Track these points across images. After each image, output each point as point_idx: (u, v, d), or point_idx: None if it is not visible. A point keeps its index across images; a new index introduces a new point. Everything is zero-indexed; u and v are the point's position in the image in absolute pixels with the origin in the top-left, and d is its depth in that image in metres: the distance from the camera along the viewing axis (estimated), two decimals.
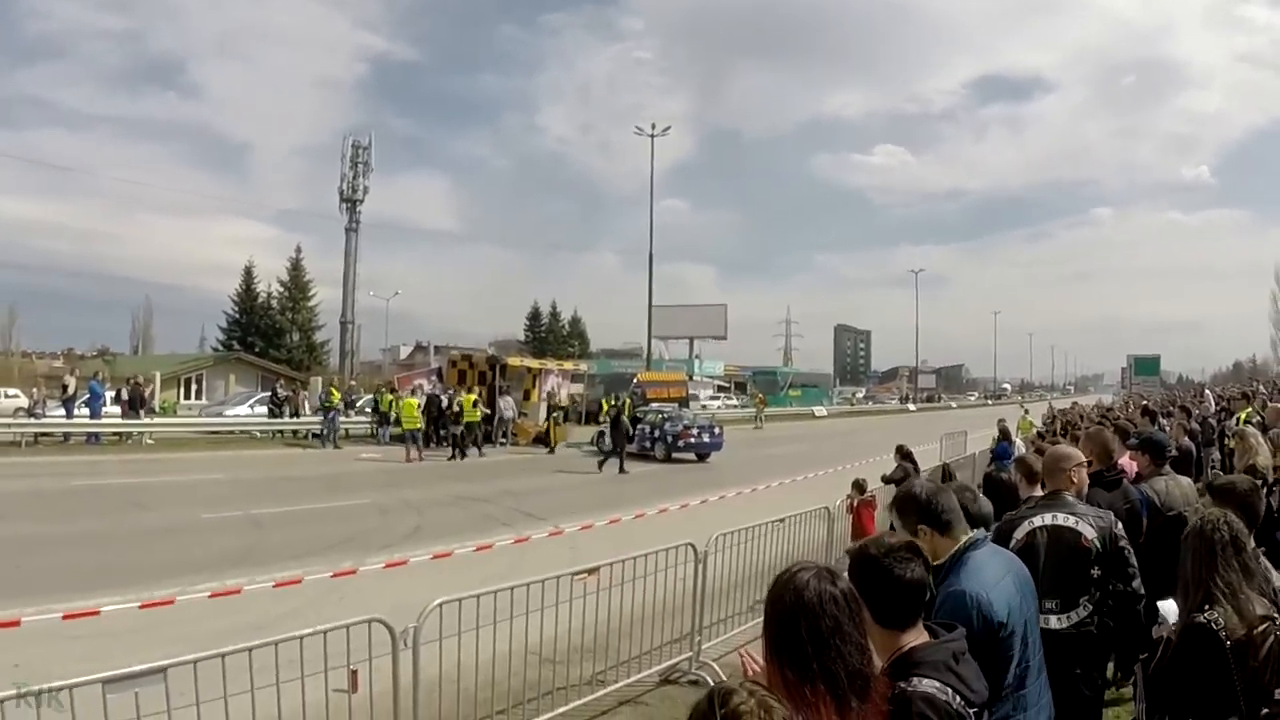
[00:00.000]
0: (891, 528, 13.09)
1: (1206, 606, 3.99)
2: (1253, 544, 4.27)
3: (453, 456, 34.12)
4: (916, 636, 2.99)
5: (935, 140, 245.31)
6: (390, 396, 39.42)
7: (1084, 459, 6.14)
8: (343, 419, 38.58)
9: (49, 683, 4.81)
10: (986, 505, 4.98)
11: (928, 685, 2.77)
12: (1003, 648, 3.70)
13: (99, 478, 24.53)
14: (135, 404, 36.46)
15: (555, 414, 40.12)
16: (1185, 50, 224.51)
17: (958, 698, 2.78)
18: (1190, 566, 4.11)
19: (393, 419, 37.69)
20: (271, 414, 40.06)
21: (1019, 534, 5.51)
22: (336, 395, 38.55)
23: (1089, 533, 5.43)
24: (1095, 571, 5.37)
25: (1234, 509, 4.55)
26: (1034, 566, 5.16)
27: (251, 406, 42.18)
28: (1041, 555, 5.38)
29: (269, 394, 43.11)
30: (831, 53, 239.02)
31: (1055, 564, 5.40)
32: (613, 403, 38.14)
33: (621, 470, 31.39)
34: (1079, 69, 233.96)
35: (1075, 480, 5.84)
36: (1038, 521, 5.55)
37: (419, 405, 35.05)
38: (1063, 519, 5.50)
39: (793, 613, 2.53)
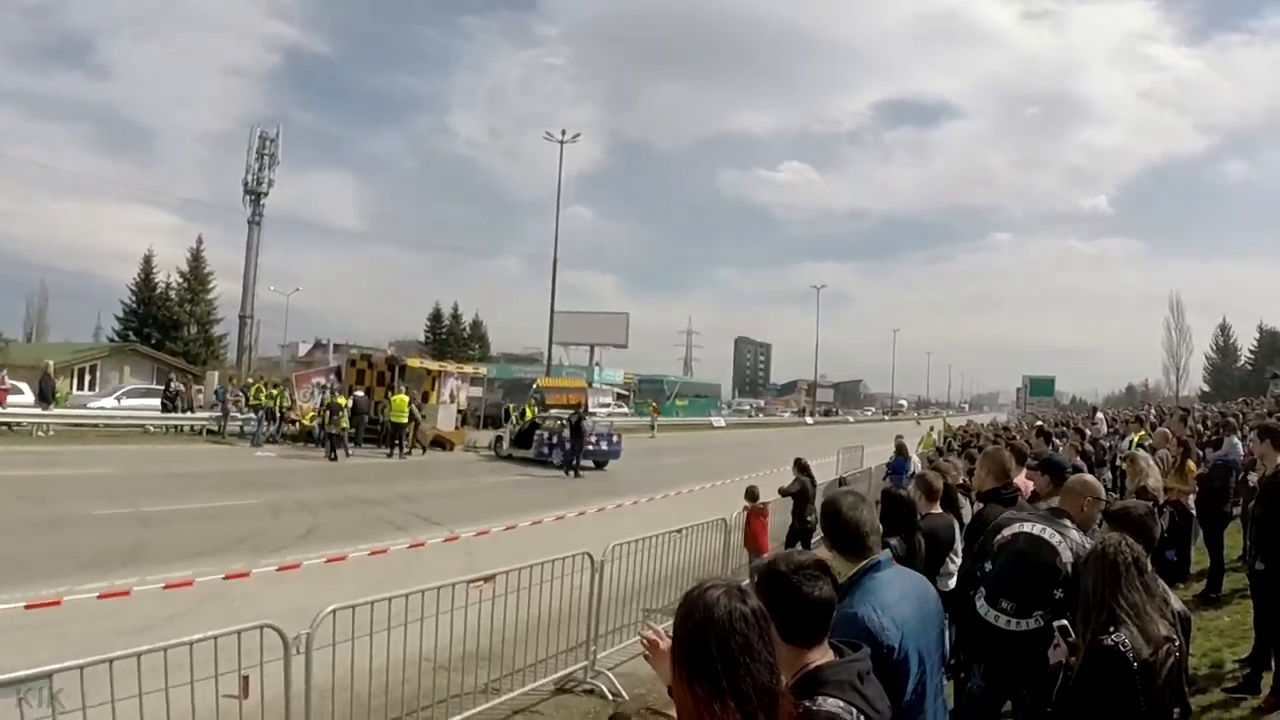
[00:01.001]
0: (798, 531, 13.25)
1: (1111, 628, 4.09)
2: (1150, 566, 4.39)
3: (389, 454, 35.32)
4: (822, 655, 2.99)
5: (841, 160, 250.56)
6: (276, 393, 39.24)
7: (1104, 497, 6.32)
8: (237, 416, 38.14)
9: None
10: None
11: (832, 705, 2.78)
12: (896, 672, 3.73)
13: None
14: (46, 395, 35.98)
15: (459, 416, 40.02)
16: (1090, 86, 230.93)
17: (862, 717, 2.82)
18: (1093, 588, 4.21)
19: (278, 417, 37.73)
20: (164, 408, 39.24)
21: (1006, 532, 5.83)
22: (261, 392, 38.39)
23: (1065, 555, 5.55)
24: (1059, 593, 5.46)
25: (1131, 532, 4.67)
26: (1005, 564, 5.66)
27: (119, 399, 40.98)
28: (1013, 556, 5.66)
29: (142, 388, 42.53)
30: (742, 69, 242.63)
31: (1022, 570, 5.62)
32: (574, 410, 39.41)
33: (577, 474, 33.13)
34: (985, 99, 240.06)
35: (1084, 511, 6.04)
36: (1026, 528, 5.77)
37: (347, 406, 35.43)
38: (1049, 534, 5.67)
39: (703, 630, 2.54)
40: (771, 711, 2.53)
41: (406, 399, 36.95)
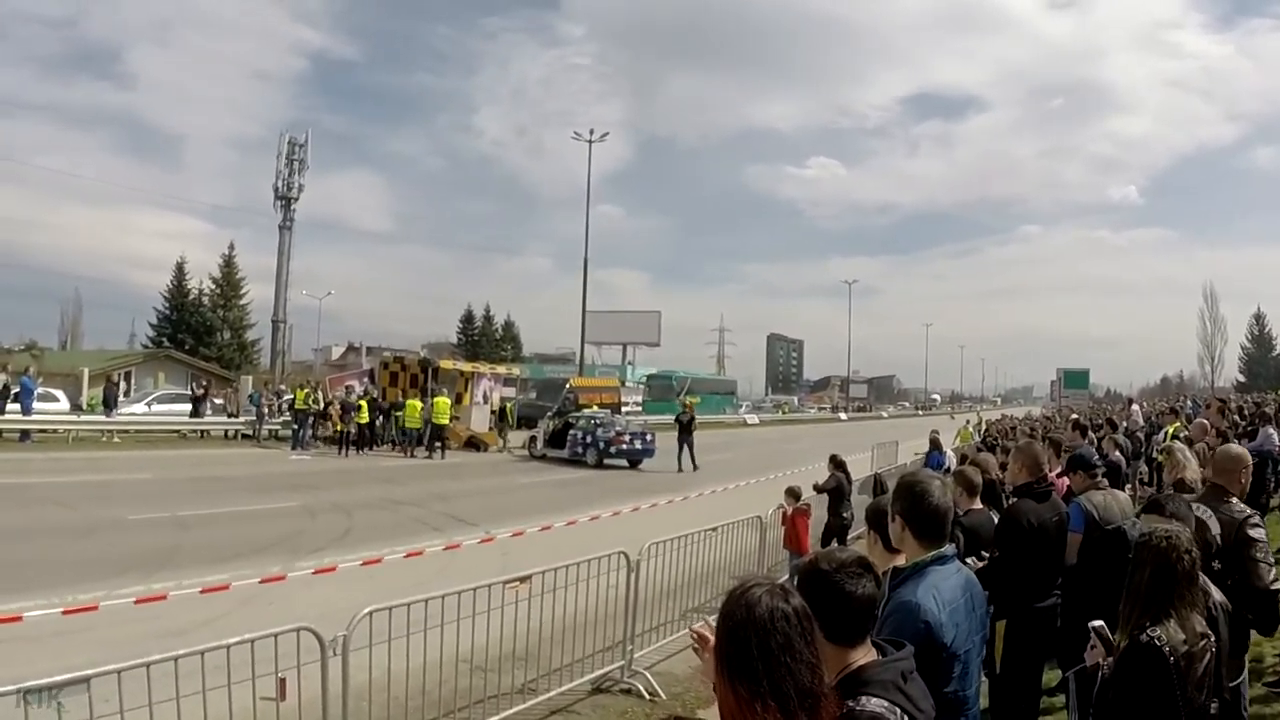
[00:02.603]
0: (834, 528, 13.13)
1: (1148, 624, 4.03)
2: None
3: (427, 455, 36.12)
4: (865, 654, 2.95)
5: (868, 155, 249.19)
6: (307, 393, 39.29)
7: (1250, 463, 6.61)
8: (271, 420, 38.39)
9: None
10: None
11: (876, 705, 2.73)
12: (947, 669, 3.68)
13: (25, 476, 24.15)
14: (110, 403, 36.67)
15: (508, 417, 40.14)
16: (1114, 75, 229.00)
17: (906, 717, 2.76)
18: (1147, 583, 4.14)
19: (311, 419, 37.94)
20: (194, 413, 39.51)
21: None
22: (300, 396, 38.46)
23: (1214, 526, 5.82)
24: (1215, 565, 5.58)
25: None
26: None
27: (149, 405, 41.05)
28: None
29: (173, 393, 42.87)
30: (767, 64, 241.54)
31: None
32: (684, 408, 41.51)
33: (695, 467, 35.21)
34: (1010, 90, 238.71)
35: (1242, 481, 6.47)
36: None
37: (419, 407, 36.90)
38: (1200, 511, 5.89)
39: (744, 629, 2.49)
40: (814, 712, 2.49)
41: (447, 400, 37.55)
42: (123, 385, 48.91)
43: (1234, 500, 6.30)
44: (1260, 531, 6.14)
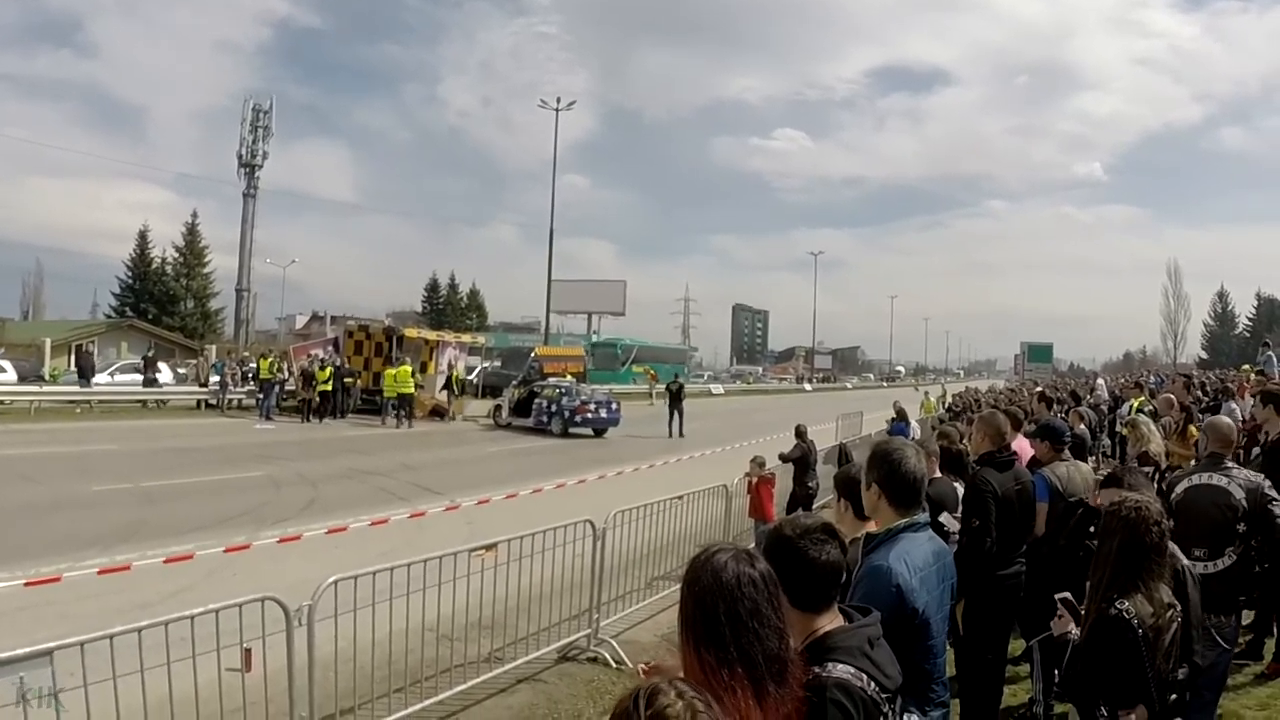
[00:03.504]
0: (799, 497, 13.19)
1: (1116, 595, 4.06)
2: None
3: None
4: (831, 620, 2.96)
5: (836, 127, 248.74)
6: (271, 362, 39.20)
7: (1241, 427, 7.02)
8: (235, 390, 38.25)
9: None
10: None
11: (842, 671, 2.74)
12: (917, 635, 3.69)
13: None
14: (85, 373, 36.71)
15: (453, 386, 39.95)
16: (1084, 53, 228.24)
17: (872, 683, 2.76)
18: (1117, 554, 4.17)
19: (276, 388, 37.92)
20: (147, 382, 39.22)
21: (1178, 489, 6.56)
22: (265, 365, 38.37)
23: (1237, 492, 6.29)
24: (1241, 527, 6.23)
25: None
26: (1187, 518, 6.20)
27: (112, 375, 40.52)
28: (1193, 508, 6.31)
29: (133, 363, 42.64)
30: (734, 35, 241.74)
31: (1204, 517, 6.34)
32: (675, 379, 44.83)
33: (682, 434, 36.79)
34: (979, 66, 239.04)
35: (1236, 449, 7.10)
36: (1195, 480, 6.56)
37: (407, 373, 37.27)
38: (1217, 479, 6.43)
39: (711, 595, 2.49)
40: (781, 678, 2.49)
41: (409, 368, 37.45)
42: (76, 356, 48.50)
43: (1233, 465, 6.64)
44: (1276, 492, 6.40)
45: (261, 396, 37.77)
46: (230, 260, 77.47)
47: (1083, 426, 14.29)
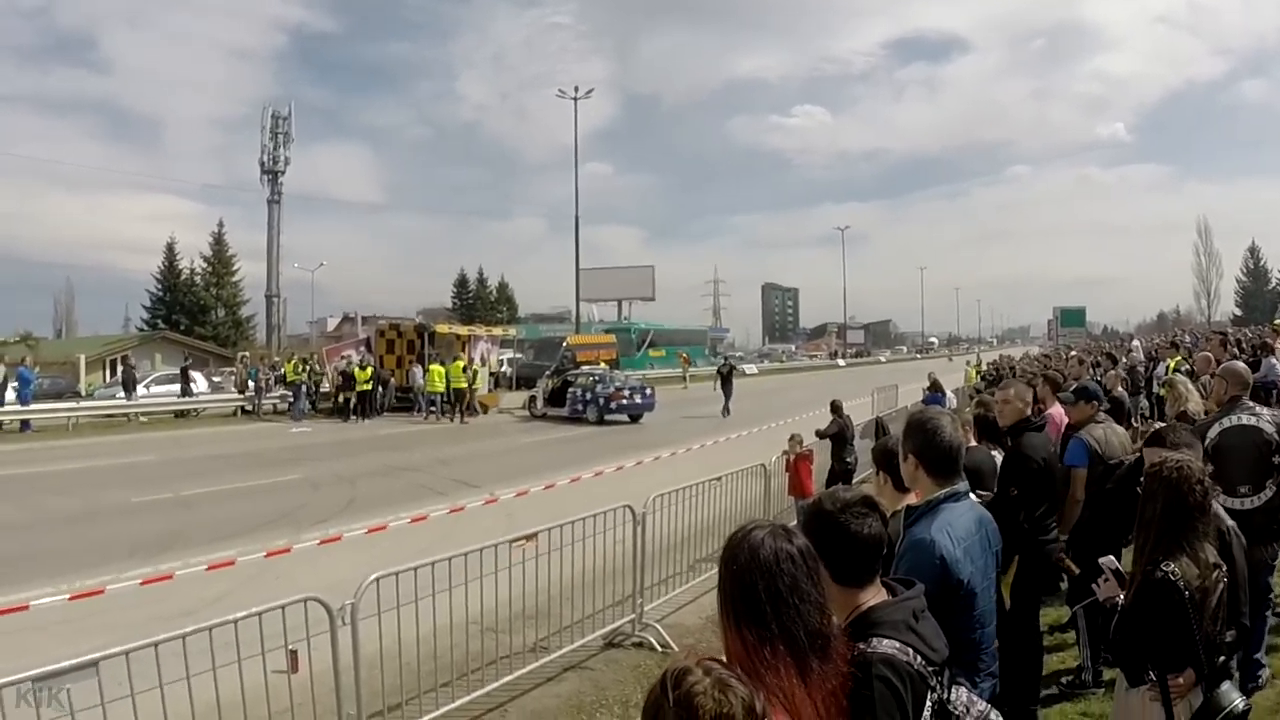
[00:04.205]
0: (838, 473, 13.13)
1: (1162, 557, 3.99)
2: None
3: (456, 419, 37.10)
4: (875, 594, 2.91)
5: (854, 101, 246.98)
6: (311, 367, 39.92)
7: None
8: (270, 394, 38.50)
9: None
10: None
11: (888, 646, 2.68)
12: (963, 606, 3.63)
13: (28, 466, 24.03)
14: (129, 385, 37.06)
15: (472, 380, 39.90)
16: (1099, 13, 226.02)
17: (918, 658, 2.71)
18: (1160, 516, 4.10)
19: (305, 390, 38.43)
20: (184, 392, 39.56)
21: (1211, 434, 6.78)
22: (290, 368, 39.10)
23: (1268, 428, 6.70)
24: (1276, 459, 6.59)
25: None
26: (1227, 459, 6.46)
27: (147, 387, 40.74)
28: (1232, 450, 6.58)
29: (168, 374, 42.96)
30: (747, 14, 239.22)
31: (1242, 456, 6.66)
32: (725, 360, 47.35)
33: (728, 412, 37.56)
34: (994, 31, 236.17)
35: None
36: (1226, 423, 6.90)
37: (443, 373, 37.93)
38: (1246, 419, 6.85)
39: (749, 572, 2.44)
40: (824, 654, 2.44)
41: (462, 363, 38.03)
42: (120, 368, 48.78)
43: (1255, 405, 7.00)
44: None
45: (291, 400, 38.25)
46: (259, 267, 77.77)
47: (1120, 389, 14.18)
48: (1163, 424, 7.28)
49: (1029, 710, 6.36)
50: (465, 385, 37.63)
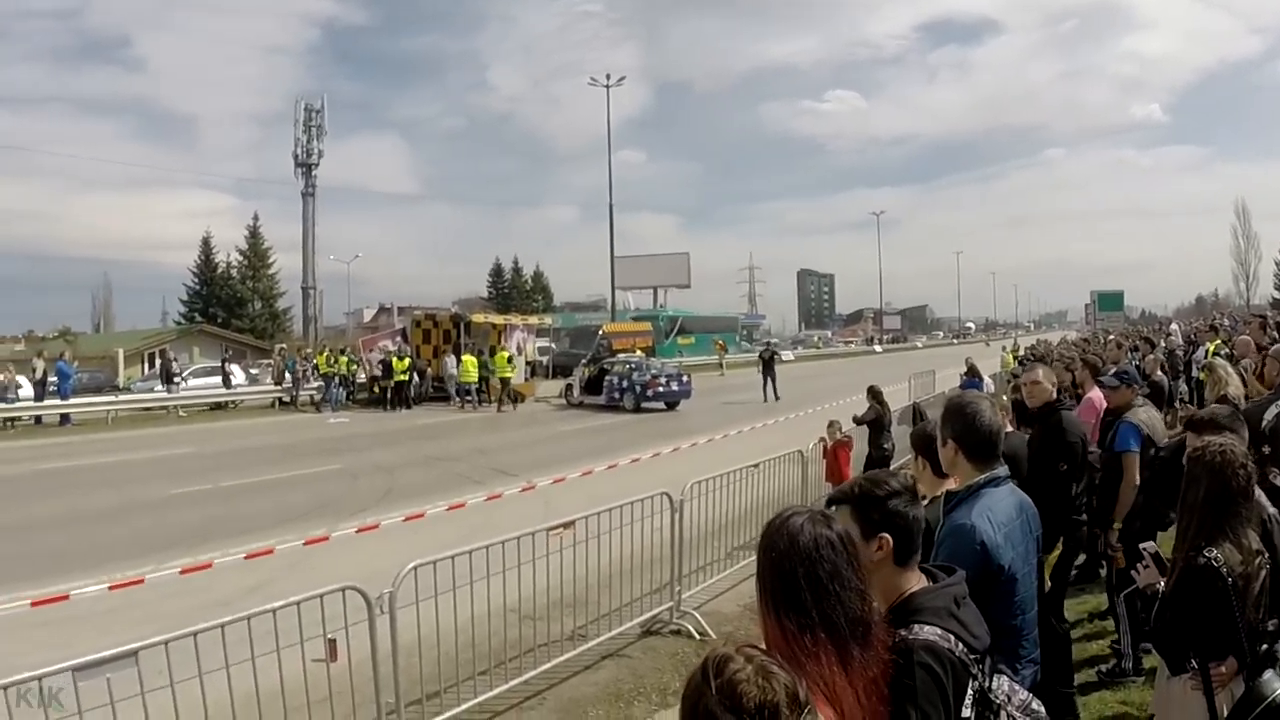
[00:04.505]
0: (875, 459, 13.07)
1: (1204, 544, 3.92)
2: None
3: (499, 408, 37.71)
4: (916, 580, 2.87)
5: (887, 85, 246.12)
6: (345, 359, 40.27)
7: None
8: (308, 386, 38.73)
9: (19, 674, 4.71)
10: None
11: (929, 632, 2.64)
12: (1004, 592, 3.58)
13: (68, 459, 24.31)
14: (168, 377, 37.46)
15: (491, 369, 39.78)
16: None
17: (960, 645, 2.67)
18: (1203, 501, 4.03)
19: (337, 381, 38.94)
20: (225, 384, 39.91)
21: (1269, 415, 6.55)
22: (321, 360, 39.67)
23: None
24: None
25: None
26: None
27: (184, 380, 40.56)
28: None
29: (205, 367, 43.41)
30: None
31: None
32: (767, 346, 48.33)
33: (777, 397, 37.88)
34: (1027, 12, 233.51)
35: None
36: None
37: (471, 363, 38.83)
38: None
39: (789, 559, 2.40)
40: (865, 641, 2.40)
41: (507, 353, 38.74)
42: (158, 361, 49.11)
43: None
44: None
45: (325, 389, 38.71)
46: (294, 259, 78.28)
47: (1160, 373, 14.05)
48: (1209, 407, 7.21)
49: (1066, 696, 6.30)
50: (510, 375, 38.11)
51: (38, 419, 33.65)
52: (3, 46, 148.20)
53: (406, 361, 38.21)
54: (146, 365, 51.99)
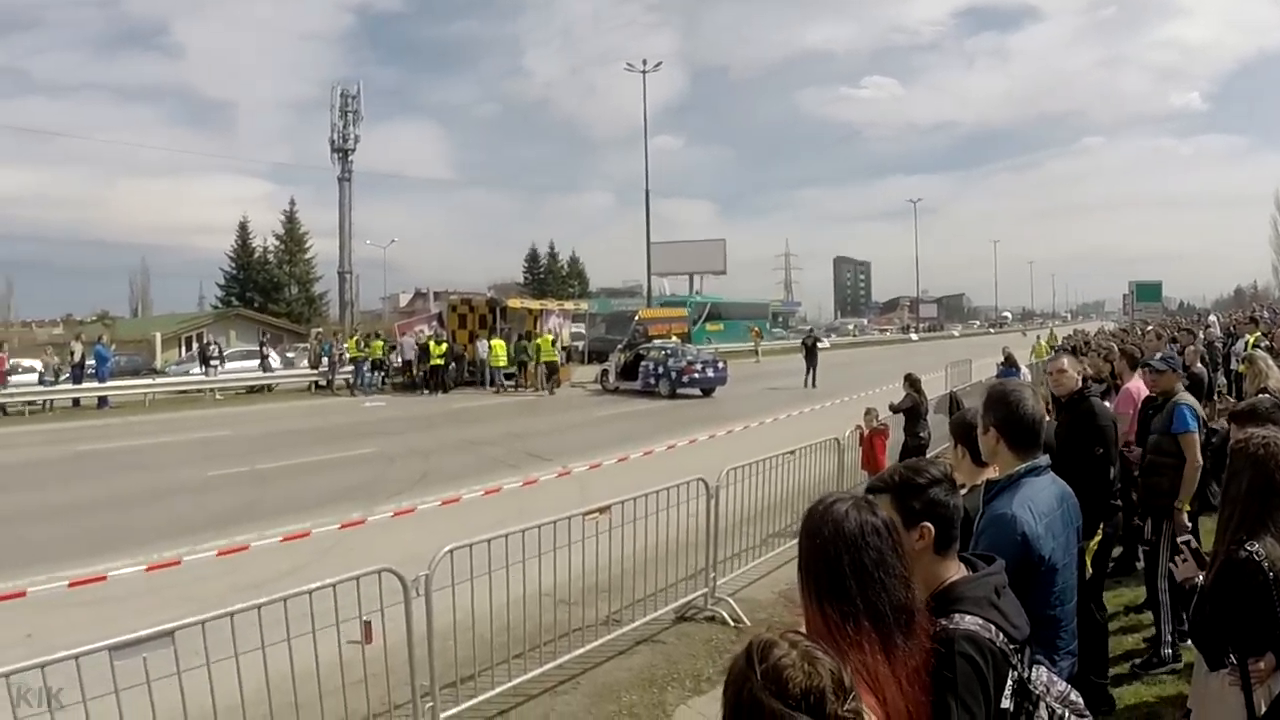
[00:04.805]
0: (911, 448, 12.99)
1: (1245, 537, 3.86)
2: None
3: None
4: (956, 569, 2.85)
5: (924, 72, 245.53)
6: (379, 343, 40.71)
7: None
8: (344, 369, 38.97)
9: (58, 652, 4.75)
10: None
11: (970, 622, 2.61)
12: (1044, 582, 3.54)
13: (105, 441, 24.50)
14: (206, 360, 37.98)
15: (537, 355, 39.81)
16: None
17: (1000, 635, 2.63)
18: (1245, 493, 3.96)
19: (368, 365, 39.55)
20: (264, 368, 40.31)
21: None
22: (351, 344, 40.04)
23: None
24: None
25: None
26: None
27: (221, 362, 40.71)
28: None
29: (241, 350, 43.93)
30: None
31: None
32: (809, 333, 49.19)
33: (814, 385, 38.18)
34: None
35: None
36: None
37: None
38: None
39: (833, 546, 2.36)
40: (909, 629, 2.37)
41: (550, 337, 39.22)
42: (195, 345, 49.43)
43: None
44: None
45: (355, 374, 39.16)
46: (331, 244, 78.58)
47: (1200, 365, 13.93)
48: (1248, 402, 7.12)
49: (1100, 687, 6.25)
50: (556, 359, 38.51)
51: (76, 401, 33.88)
52: (43, 34, 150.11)
53: (444, 346, 38.32)
54: (183, 349, 52.41)
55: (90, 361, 34.63)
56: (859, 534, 2.38)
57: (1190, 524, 7.37)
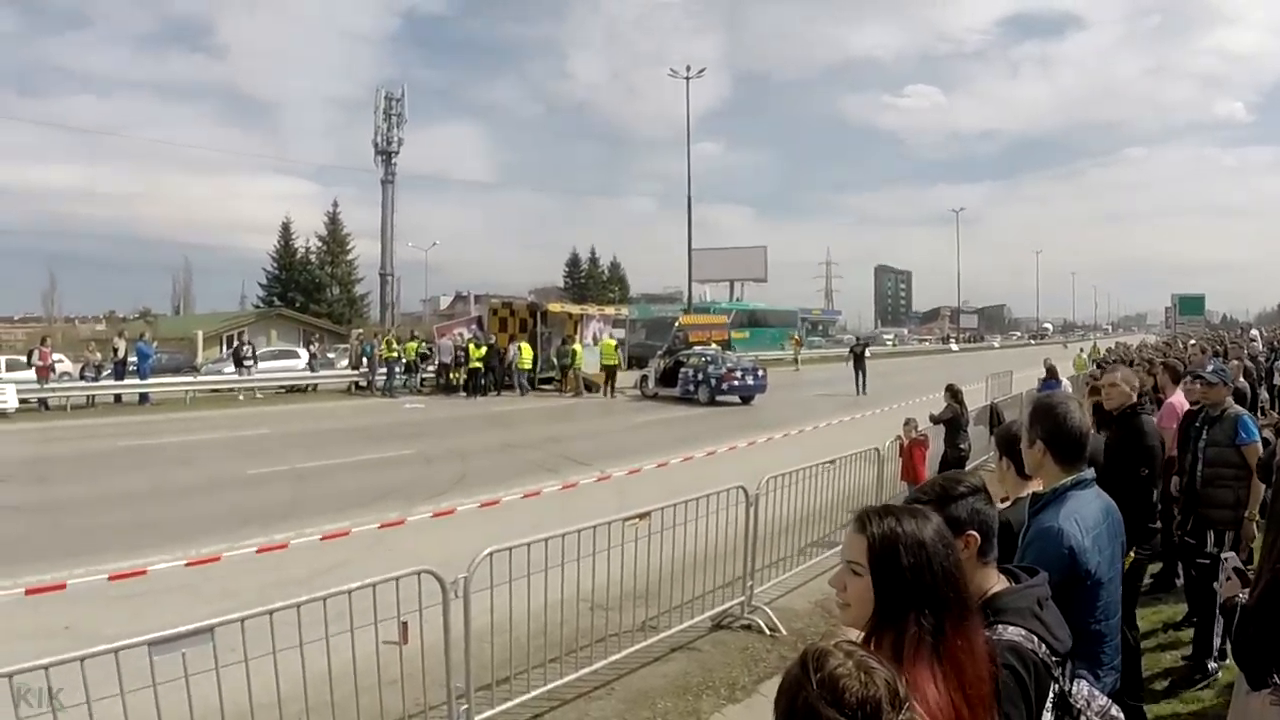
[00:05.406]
0: (950, 459, 12.93)
1: None
2: None
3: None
4: (997, 580, 2.84)
5: (968, 80, 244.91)
6: (414, 344, 41.03)
7: None
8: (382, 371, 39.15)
9: (96, 645, 4.78)
10: None
11: (1014, 633, 2.59)
12: (1090, 596, 3.50)
13: (146, 437, 24.69)
14: (241, 360, 38.05)
15: (572, 360, 40.08)
16: None
17: (1043, 646, 2.61)
18: None
19: (402, 367, 39.89)
20: (310, 368, 40.77)
21: None
22: (386, 346, 39.95)
23: None
24: None
25: None
26: None
27: (257, 362, 40.93)
28: None
29: (280, 350, 44.18)
30: None
31: None
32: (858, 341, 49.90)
33: (865, 391, 38.22)
34: (1110, 8, 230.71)
35: None
36: None
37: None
38: None
39: (916, 555, 2.33)
40: (971, 636, 2.32)
41: (613, 344, 40.04)
42: (235, 344, 49.80)
43: None
44: None
45: (400, 375, 39.45)
46: (373, 246, 79.24)
47: (1243, 380, 13.80)
48: None
49: (1136, 709, 6.19)
50: (617, 363, 39.04)
51: (118, 397, 34.23)
52: (89, 32, 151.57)
53: (484, 349, 38.46)
54: (224, 347, 52.72)
55: (132, 358, 34.92)
56: (938, 541, 2.35)
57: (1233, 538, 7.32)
